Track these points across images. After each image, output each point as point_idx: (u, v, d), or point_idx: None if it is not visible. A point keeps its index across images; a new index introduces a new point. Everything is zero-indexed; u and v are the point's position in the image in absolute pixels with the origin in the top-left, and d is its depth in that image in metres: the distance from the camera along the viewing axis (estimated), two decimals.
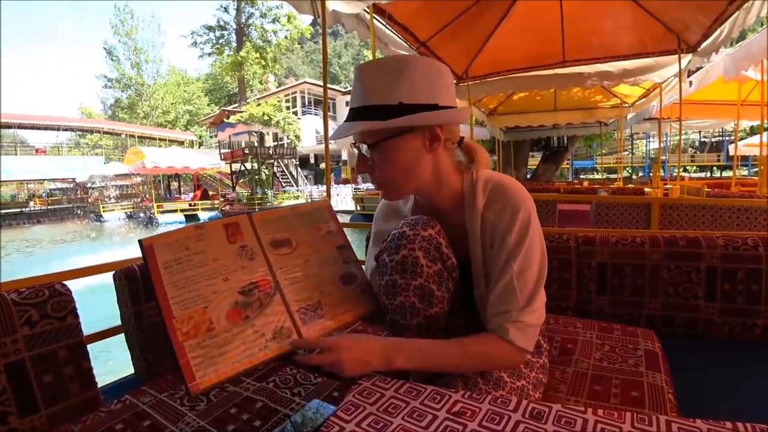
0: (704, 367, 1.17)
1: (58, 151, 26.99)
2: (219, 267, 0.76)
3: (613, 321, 1.27)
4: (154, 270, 0.70)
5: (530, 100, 6.78)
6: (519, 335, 0.71)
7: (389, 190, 0.81)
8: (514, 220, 0.74)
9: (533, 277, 0.73)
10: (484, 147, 4.11)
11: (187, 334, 0.68)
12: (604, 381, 0.92)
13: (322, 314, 0.80)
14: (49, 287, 0.96)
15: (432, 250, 0.74)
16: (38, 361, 0.89)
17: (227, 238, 0.79)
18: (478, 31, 3.82)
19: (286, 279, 0.80)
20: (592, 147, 16.16)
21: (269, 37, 28.92)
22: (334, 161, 26.00)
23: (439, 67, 0.75)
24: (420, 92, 0.72)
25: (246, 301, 0.75)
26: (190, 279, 0.72)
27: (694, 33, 3.38)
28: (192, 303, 0.70)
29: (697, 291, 1.26)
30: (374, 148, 0.75)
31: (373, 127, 0.72)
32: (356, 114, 0.75)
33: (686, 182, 6.56)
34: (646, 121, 7.90)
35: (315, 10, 2.25)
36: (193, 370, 0.65)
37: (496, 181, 0.78)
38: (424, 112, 0.71)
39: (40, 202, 24.53)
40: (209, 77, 38.59)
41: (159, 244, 0.73)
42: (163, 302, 0.69)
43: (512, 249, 0.73)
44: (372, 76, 0.74)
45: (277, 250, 0.83)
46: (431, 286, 0.74)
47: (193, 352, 0.67)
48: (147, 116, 32.04)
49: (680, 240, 1.29)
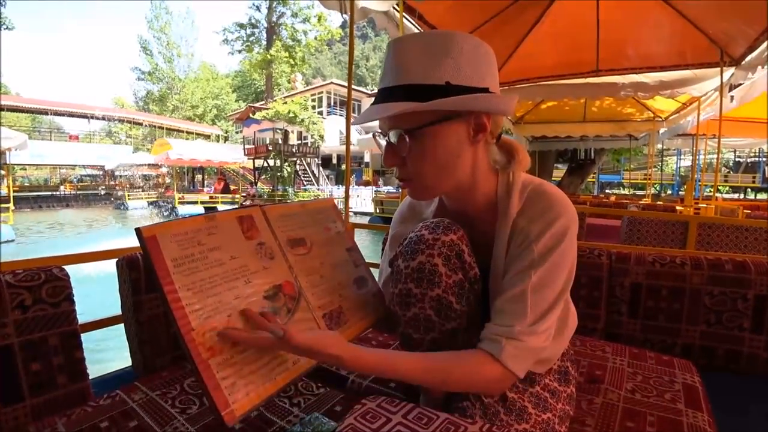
0: (748, 407, 1.05)
1: (90, 139, 27.87)
2: (239, 267, 0.64)
3: (644, 347, 1.16)
4: (162, 269, 0.56)
5: (559, 109, 6.60)
6: (514, 356, 0.61)
7: (420, 187, 0.70)
8: (547, 228, 0.64)
9: (552, 296, 0.63)
10: None
11: (212, 349, 0.55)
12: (637, 417, 0.81)
13: (345, 320, 0.72)
14: (47, 271, 0.91)
15: (453, 257, 0.65)
16: (27, 348, 0.85)
17: (243, 233, 0.68)
18: (510, 36, 3.72)
19: (307, 282, 0.71)
20: (620, 161, 15.72)
21: (299, 37, 29.24)
22: (356, 163, 26.06)
23: (488, 48, 0.65)
24: (468, 73, 0.62)
25: (274, 308, 0.64)
26: (206, 281, 0.59)
27: (739, 45, 3.20)
28: (213, 311, 0.58)
29: (742, 321, 1.14)
30: (411, 135, 0.64)
31: (415, 109, 0.61)
32: (389, 94, 0.63)
33: (720, 202, 6.25)
34: (679, 137, 7.60)
35: (342, 6, 2.21)
36: (225, 394, 0.53)
37: (536, 185, 0.69)
38: (473, 95, 0.61)
39: (71, 186, 25.40)
40: (238, 74, 39.31)
41: (165, 236, 0.58)
42: (177, 311, 0.54)
43: (536, 258, 0.63)
44: (411, 51, 0.63)
45: (294, 250, 0.73)
46: (450, 298, 0.65)
47: (222, 372, 0.54)
48: (176, 109, 32.81)
49: (726, 263, 1.17)
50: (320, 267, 0.75)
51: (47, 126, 29.84)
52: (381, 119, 0.67)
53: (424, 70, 0.61)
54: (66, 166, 27.15)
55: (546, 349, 0.65)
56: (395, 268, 0.69)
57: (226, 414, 0.52)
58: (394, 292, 0.69)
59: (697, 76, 3.79)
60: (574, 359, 0.85)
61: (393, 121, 0.66)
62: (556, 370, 0.77)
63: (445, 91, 0.60)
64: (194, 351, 0.53)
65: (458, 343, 0.67)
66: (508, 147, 0.73)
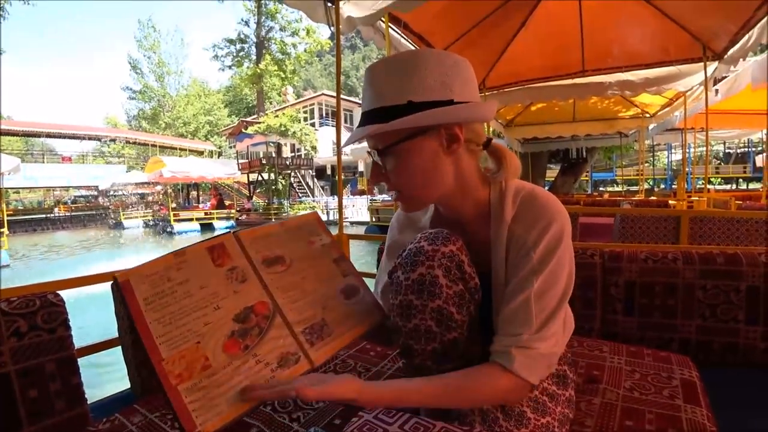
0: (746, 400, 1.05)
1: (83, 160, 27.81)
2: (208, 295, 0.68)
3: (641, 345, 1.17)
4: (135, 309, 0.62)
5: (548, 110, 6.66)
6: (526, 365, 0.63)
7: (408, 200, 0.73)
8: (543, 234, 0.65)
9: (554, 300, 0.65)
10: None
11: (180, 376, 0.59)
12: (636, 415, 0.82)
13: (329, 332, 0.72)
14: (41, 297, 0.91)
15: (453, 268, 0.66)
16: (24, 375, 0.84)
17: (213, 262, 0.72)
18: (496, 40, 3.76)
19: (285, 299, 0.73)
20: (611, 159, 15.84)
21: (289, 50, 29.38)
22: (350, 172, 26.08)
23: (456, 59, 0.67)
24: (432, 88, 0.64)
25: (243, 329, 0.66)
26: (176, 313, 0.64)
27: (721, 40, 3.25)
28: (182, 340, 0.62)
29: (736, 313, 1.15)
30: (386, 154, 0.68)
31: (379, 131, 0.65)
32: (366, 118, 0.69)
33: (713, 194, 6.30)
34: (668, 132, 7.68)
35: (329, 18, 2.23)
36: (192, 417, 0.57)
37: (528, 191, 0.70)
38: (435, 109, 0.63)
39: (65, 208, 25.26)
40: (229, 89, 39.39)
41: (136, 278, 0.65)
42: (148, 344, 0.60)
43: (536, 265, 0.65)
44: (381, 75, 0.68)
45: (271, 269, 0.75)
46: (450, 308, 0.66)
47: (190, 396, 0.58)
48: (169, 126, 32.79)
49: (717, 256, 1.18)
50: (301, 282, 0.76)
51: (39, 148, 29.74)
52: (366, 141, 0.71)
53: (389, 93, 0.66)
54: (59, 188, 27.03)
55: (557, 353, 0.67)
56: (395, 280, 0.69)
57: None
58: (394, 304, 0.69)
59: (682, 72, 3.84)
60: (572, 361, 0.86)
61: (371, 142, 0.71)
62: (554, 374, 0.77)
63: (408, 110, 0.64)
64: (164, 379, 0.58)
65: (459, 353, 0.68)
66: (496, 152, 0.74)
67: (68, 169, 24.69)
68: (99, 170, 25.61)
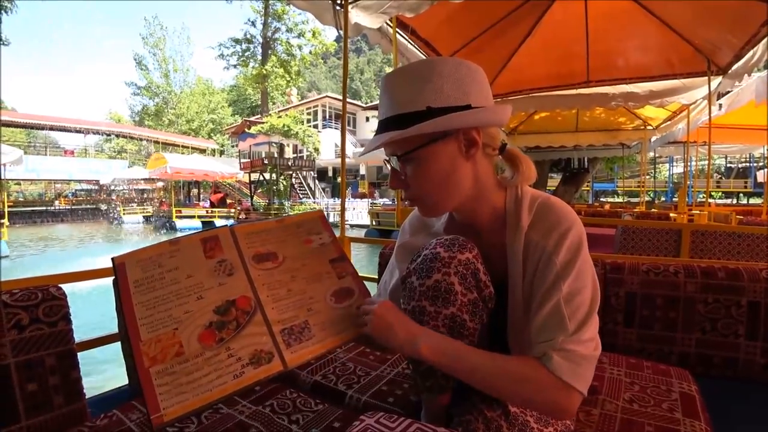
0: (744, 414, 1.05)
1: (85, 154, 27.83)
2: (193, 284, 0.70)
3: (641, 357, 1.17)
4: (125, 289, 0.66)
5: (552, 120, 6.67)
6: (564, 365, 0.60)
7: (427, 206, 0.73)
8: (563, 240, 0.65)
9: (585, 301, 0.63)
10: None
11: (154, 359, 0.62)
12: (635, 427, 0.82)
13: (310, 336, 0.70)
14: (43, 290, 0.91)
15: (469, 276, 0.66)
16: (24, 368, 0.84)
17: (204, 253, 0.74)
18: (502, 49, 3.78)
19: (269, 296, 0.72)
20: (613, 169, 15.85)
21: (294, 52, 29.48)
22: (352, 175, 26.11)
23: (470, 66, 0.68)
24: (449, 94, 0.65)
25: (221, 322, 0.67)
26: (161, 298, 0.67)
27: (725, 55, 3.27)
28: (161, 325, 0.65)
29: (737, 328, 1.15)
30: (406, 160, 0.69)
31: (399, 136, 0.65)
32: (384, 126, 0.69)
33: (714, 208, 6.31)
34: (670, 145, 7.69)
35: (338, 21, 2.24)
36: (158, 400, 0.59)
37: (543, 199, 0.70)
38: (453, 114, 0.64)
39: (65, 201, 25.31)
40: (233, 88, 39.49)
41: (131, 261, 0.69)
42: (130, 324, 0.64)
43: (560, 270, 0.63)
44: (397, 83, 0.68)
45: (261, 265, 0.75)
46: (464, 316, 0.66)
47: (160, 380, 0.60)
48: (172, 124, 32.82)
49: (719, 271, 1.18)
50: (290, 281, 0.75)
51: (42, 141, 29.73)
52: (384, 148, 0.71)
53: (407, 100, 0.66)
54: (61, 181, 27.06)
55: (597, 357, 0.64)
56: (408, 285, 0.69)
57: (154, 418, 0.58)
58: (407, 309, 0.69)
59: (686, 85, 3.85)
60: None
61: (389, 149, 0.71)
62: None
63: (427, 115, 0.64)
64: (138, 359, 0.61)
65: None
66: (512, 157, 0.74)
67: (70, 162, 24.75)
68: (101, 164, 25.67)
